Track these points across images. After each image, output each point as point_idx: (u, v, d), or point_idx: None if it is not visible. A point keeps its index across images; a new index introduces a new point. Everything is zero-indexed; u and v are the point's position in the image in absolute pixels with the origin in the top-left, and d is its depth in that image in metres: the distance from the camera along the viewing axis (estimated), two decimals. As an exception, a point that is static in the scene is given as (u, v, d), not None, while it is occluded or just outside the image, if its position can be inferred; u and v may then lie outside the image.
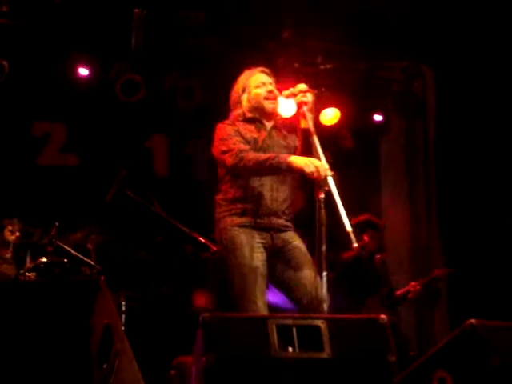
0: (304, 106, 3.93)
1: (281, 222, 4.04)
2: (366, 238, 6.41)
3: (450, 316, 7.43)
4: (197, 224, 5.79)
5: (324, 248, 3.62)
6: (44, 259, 5.56)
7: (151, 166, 7.65)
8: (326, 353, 2.93)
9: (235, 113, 4.18)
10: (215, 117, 4.30)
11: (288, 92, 4.08)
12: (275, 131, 4.17)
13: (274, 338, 2.91)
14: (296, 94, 4.00)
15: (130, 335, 3.64)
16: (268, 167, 3.86)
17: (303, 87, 4.01)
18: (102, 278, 3.23)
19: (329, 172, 3.68)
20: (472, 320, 2.97)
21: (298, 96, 3.98)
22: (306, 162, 3.74)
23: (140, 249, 7.13)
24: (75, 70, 6.90)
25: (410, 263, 7.88)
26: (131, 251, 7.09)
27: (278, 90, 4.14)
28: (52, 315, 2.98)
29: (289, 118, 4.18)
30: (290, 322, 2.99)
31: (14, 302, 3.03)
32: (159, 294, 6.84)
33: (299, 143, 4.02)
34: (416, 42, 6.98)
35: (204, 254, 5.96)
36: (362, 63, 7.44)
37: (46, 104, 7.18)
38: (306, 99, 3.94)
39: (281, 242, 4.01)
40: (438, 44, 6.92)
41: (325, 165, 3.71)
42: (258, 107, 4.14)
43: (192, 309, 6.46)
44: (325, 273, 3.61)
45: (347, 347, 2.97)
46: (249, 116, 4.14)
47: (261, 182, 4.01)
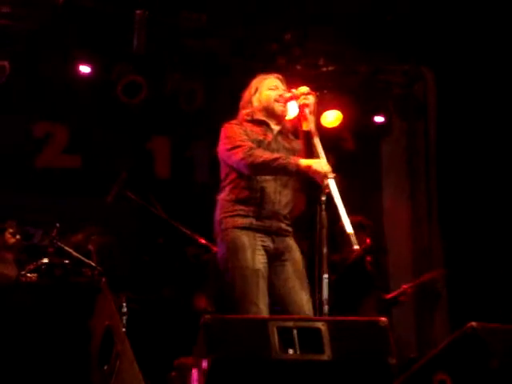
0: (306, 109, 3.94)
1: (281, 225, 4.02)
2: (368, 240, 6.38)
3: (450, 318, 7.42)
4: (198, 226, 5.80)
5: (325, 250, 3.63)
6: (45, 260, 5.55)
7: (153, 167, 7.64)
8: (327, 355, 2.94)
9: (244, 111, 4.15)
10: (217, 119, 4.29)
11: (290, 94, 4.09)
12: (281, 136, 4.14)
13: (275, 339, 2.92)
14: (298, 96, 4.01)
15: (130, 337, 3.64)
16: (276, 167, 3.83)
17: (305, 89, 4.02)
18: (103, 279, 3.23)
19: (330, 174, 3.69)
20: (472, 322, 2.98)
21: (300, 98, 3.99)
22: (316, 164, 3.74)
23: (141, 250, 7.14)
24: (77, 71, 6.90)
25: (410, 265, 7.87)
26: (132, 253, 7.09)
27: None
28: (53, 316, 2.99)
29: (291, 120, 4.19)
30: (290, 324, 3.00)
31: (15, 303, 3.03)
32: (160, 295, 6.84)
33: (301, 145, 4.01)
34: (417, 45, 6.98)
35: (205, 255, 5.97)
36: (363, 66, 7.44)
37: (48, 105, 7.17)
38: (307, 101, 3.95)
39: (281, 247, 4.00)
40: (439, 46, 6.92)
41: (327, 167, 3.72)
42: (268, 108, 4.12)
43: (193, 310, 6.46)
44: (326, 275, 3.61)
45: (348, 349, 2.98)
46: (257, 117, 4.12)
47: (265, 184, 3.98)
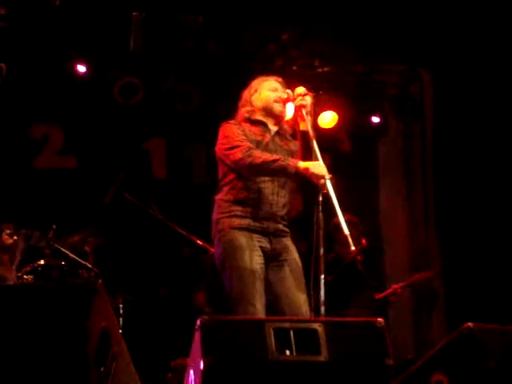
0: (303, 109, 3.94)
1: (279, 226, 4.03)
2: (364, 242, 6.37)
3: (447, 319, 7.42)
4: (195, 227, 5.80)
5: (322, 251, 3.63)
6: (42, 262, 5.54)
7: (149, 168, 7.63)
8: (323, 356, 2.94)
9: (243, 110, 4.16)
10: (214, 120, 4.30)
11: (286, 95, 4.09)
12: (279, 137, 4.15)
13: (272, 341, 2.91)
14: (295, 97, 4.01)
15: (127, 338, 3.63)
16: (275, 168, 3.83)
17: (302, 90, 4.02)
18: (100, 280, 3.23)
19: (327, 175, 3.69)
20: (469, 323, 2.98)
21: (296, 99, 3.99)
22: (314, 166, 3.74)
23: (138, 251, 7.13)
24: (73, 73, 6.90)
25: (407, 265, 7.87)
26: (129, 254, 7.09)
27: None
28: (49, 318, 2.98)
29: (288, 120, 4.19)
30: (287, 325, 2.99)
31: (11, 305, 3.03)
32: (157, 296, 6.84)
33: (298, 146, 4.01)
34: (413, 46, 6.98)
35: (202, 256, 5.97)
36: (359, 66, 7.45)
37: (45, 107, 7.17)
38: (304, 102, 3.96)
39: (278, 248, 4.00)
40: (436, 47, 6.93)
41: (324, 168, 3.72)
42: (267, 108, 4.13)
43: (190, 311, 6.46)
44: (323, 276, 3.61)
45: (344, 350, 2.97)
46: (256, 117, 4.13)
47: (262, 185, 3.99)
